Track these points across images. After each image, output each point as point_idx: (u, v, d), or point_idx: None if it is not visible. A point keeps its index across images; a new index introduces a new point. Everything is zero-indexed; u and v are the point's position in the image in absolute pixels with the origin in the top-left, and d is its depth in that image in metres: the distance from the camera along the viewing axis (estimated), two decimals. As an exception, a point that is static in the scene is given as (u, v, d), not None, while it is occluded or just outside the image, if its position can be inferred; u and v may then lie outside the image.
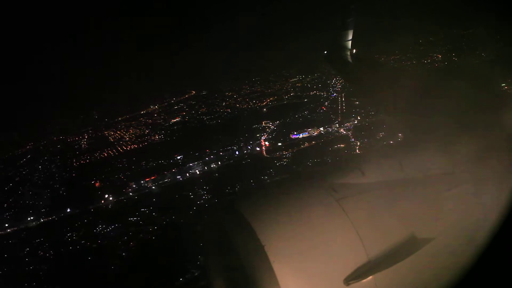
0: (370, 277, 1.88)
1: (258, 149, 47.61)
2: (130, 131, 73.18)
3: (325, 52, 9.46)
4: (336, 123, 51.11)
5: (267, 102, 74.58)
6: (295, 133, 50.05)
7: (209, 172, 42.62)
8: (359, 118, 50.52)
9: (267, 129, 55.17)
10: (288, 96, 75.57)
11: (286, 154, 44.23)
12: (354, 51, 7.68)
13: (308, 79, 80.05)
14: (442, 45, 74.13)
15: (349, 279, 1.85)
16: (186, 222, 30.90)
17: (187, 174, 42.79)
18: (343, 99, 60.30)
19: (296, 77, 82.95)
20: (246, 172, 39.87)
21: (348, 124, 49.85)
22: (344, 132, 48.16)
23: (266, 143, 48.01)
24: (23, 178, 53.67)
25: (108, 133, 74.96)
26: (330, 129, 49.82)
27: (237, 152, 46.34)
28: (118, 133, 73.42)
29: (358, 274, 1.86)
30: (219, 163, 44.56)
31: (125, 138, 68.97)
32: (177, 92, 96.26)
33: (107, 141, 69.11)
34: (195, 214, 31.93)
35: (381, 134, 43.13)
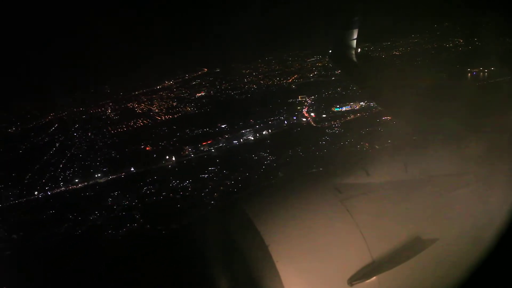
0: (374, 277, 1.97)
1: (304, 119, 51.18)
2: (155, 104, 75.43)
3: (330, 51, 9.82)
4: (376, 98, 54.71)
5: (293, 79, 77.15)
6: (337, 106, 53.59)
7: (263, 139, 46.11)
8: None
9: (305, 103, 58.57)
10: (313, 75, 78.09)
11: (335, 124, 47.87)
12: (359, 50, 7.94)
13: (327, 59, 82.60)
14: (459, 30, 77.71)
15: (353, 280, 1.94)
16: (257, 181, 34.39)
17: (241, 140, 46.22)
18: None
19: (314, 57, 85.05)
20: (302, 138, 43.44)
21: (389, 100, 53.58)
22: (387, 107, 51.89)
23: (312, 114, 51.56)
24: (64, 144, 56.24)
25: (132, 106, 77.35)
26: (371, 104, 53.47)
27: (285, 122, 49.86)
28: (143, 105, 75.75)
29: (362, 274, 1.96)
30: (270, 131, 48.05)
31: (154, 110, 71.47)
32: (188, 69, 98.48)
33: (135, 113, 71.53)
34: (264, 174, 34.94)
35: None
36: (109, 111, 75.21)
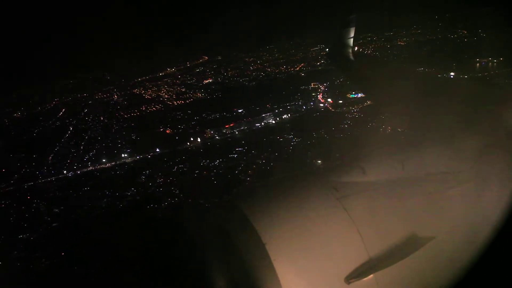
0: (371, 275, 2.01)
1: (321, 105, 53.29)
2: (163, 90, 76.55)
3: (327, 49, 10.41)
4: (389, 86, 57.01)
5: (300, 67, 78.75)
6: (353, 92, 55.67)
7: (284, 123, 48.09)
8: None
9: (319, 90, 60.54)
10: (320, 63, 79.63)
11: (353, 109, 50.02)
12: (356, 48, 8.15)
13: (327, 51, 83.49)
14: (461, 22, 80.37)
15: (350, 278, 1.99)
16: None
17: (262, 123, 48.17)
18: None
19: (317, 46, 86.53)
20: (323, 122, 45.44)
21: (403, 86, 55.92)
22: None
23: (329, 99, 53.62)
24: (78, 127, 57.40)
25: (138, 91, 78.42)
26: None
27: (303, 107, 51.88)
28: (150, 91, 76.82)
29: (359, 272, 2.00)
30: (289, 115, 50.06)
31: (164, 96, 72.64)
32: (187, 57, 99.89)
33: (144, 98, 72.57)
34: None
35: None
36: (116, 97, 76.20)
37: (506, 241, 2.36)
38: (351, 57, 8.00)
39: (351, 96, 55.39)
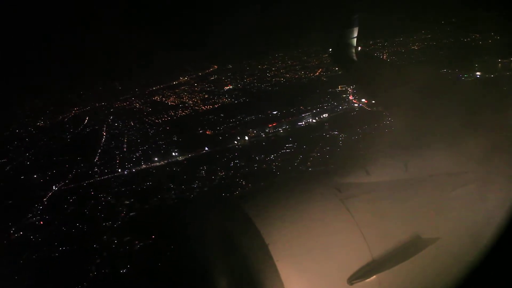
0: (374, 276, 2.08)
1: (356, 105, 56.37)
2: (184, 97, 79.16)
3: (330, 50, 10.49)
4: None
5: (319, 72, 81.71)
6: (384, 93, 58.95)
7: (324, 122, 51.00)
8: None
9: (347, 92, 63.64)
10: (338, 68, 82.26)
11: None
12: (359, 48, 8.34)
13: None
14: (469, 25, 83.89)
15: (353, 279, 2.05)
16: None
17: (303, 122, 51.06)
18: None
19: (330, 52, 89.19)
20: (363, 120, 48.23)
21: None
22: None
23: (363, 99, 56.68)
24: (111, 132, 59.68)
25: (159, 99, 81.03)
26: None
27: (340, 107, 54.95)
28: (172, 98, 79.39)
29: (362, 273, 2.07)
30: (327, 115, 53.04)
31: (188, 102, 75.28)
32: (196, 67, 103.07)
33: (167, 105, 74.95)
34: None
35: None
36: (137, 104, 78.54)
37: (509, 242, 2.44)
38: (354, 58, 8.25)
39: (383, 96, 58.54)
